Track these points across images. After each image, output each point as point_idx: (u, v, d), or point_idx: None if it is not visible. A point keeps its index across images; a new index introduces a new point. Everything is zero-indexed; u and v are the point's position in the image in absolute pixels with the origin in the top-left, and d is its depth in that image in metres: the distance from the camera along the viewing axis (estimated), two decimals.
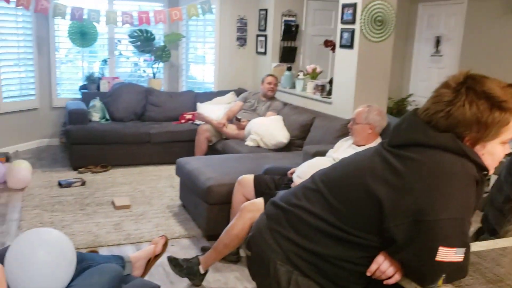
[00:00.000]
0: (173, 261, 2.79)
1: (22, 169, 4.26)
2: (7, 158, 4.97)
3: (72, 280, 1.63)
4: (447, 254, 1.28)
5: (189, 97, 5.86)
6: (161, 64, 6.21)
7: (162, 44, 6.02)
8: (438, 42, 6.24)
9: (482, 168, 1.38)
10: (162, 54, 5.97)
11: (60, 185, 4.38)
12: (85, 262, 1.75)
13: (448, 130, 1.38)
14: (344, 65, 4.39)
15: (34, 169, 4.69)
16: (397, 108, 5.51)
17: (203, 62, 6.46)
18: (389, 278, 1.40)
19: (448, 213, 1.29)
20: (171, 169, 4.95)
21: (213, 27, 6.17)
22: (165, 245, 2.46)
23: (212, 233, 3.33)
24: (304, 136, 4.42)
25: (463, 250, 1.31)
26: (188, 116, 5.57)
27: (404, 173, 1.36)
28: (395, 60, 4.78)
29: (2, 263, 1.52)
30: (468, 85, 1.37)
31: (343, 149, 3.15)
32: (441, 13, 6.30)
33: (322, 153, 3.35)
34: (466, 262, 1.35)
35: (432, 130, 1.39)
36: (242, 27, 6.13)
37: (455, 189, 1.31)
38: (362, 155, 1.58)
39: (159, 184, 4.58)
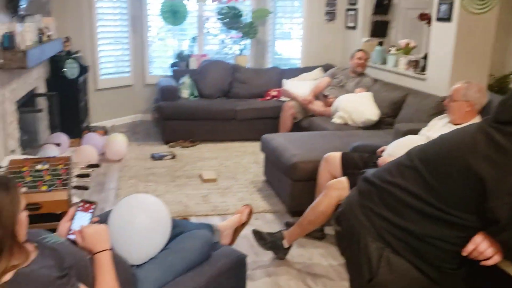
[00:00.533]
0: (257, 234, 2.83)
1: (119, 142, 4.54)
2: (105, 132, 5.33)
3: (167, 243, 1.71)
4: None
5: (275, 73, 5.85)
6: (248, 41, 6.26)
7: (249, 20, 6.05)
8: None
9: None
10: (249, 30, 6.00)
11: (153, 158, 4.62)
12: (178, 228, 1.83)
13: None
14: (441, 40, 4.11)
15: (129, 142, 4.98)
16: (498, 85, 5.06)
17: (289, 38, 6.39)
18: (487, 259, 1.33)
19: None
20: (256, 146, 5.00)
21: (300, 2, 6.08)
22: (250, 214, 2.50)
23: (296, 209, 3.33)
24: (395, 113, 4.24)
25: None
26: (274, 93, 5.58)
27: (511, 150, 1.26)
28: (499, 34, 4.38)
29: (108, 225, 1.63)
30: None
31: (438, 128, 2.97)
32: None
33: (415, 132, 3.19)
34: None
35: None
36: (331, 1, 5.96)
37: None
38: (463, 131, 1.48)
39: (244, 160, 4.66)
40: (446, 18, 4.00)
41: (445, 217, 1.36)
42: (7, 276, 1.20)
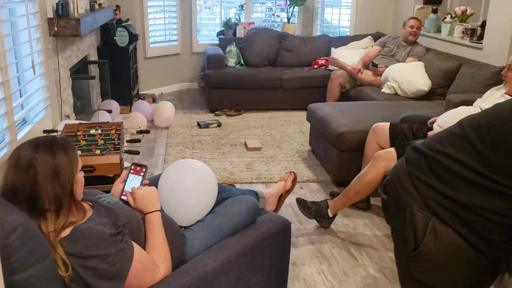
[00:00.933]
0: (301, 202, 2.85)
1: (167, 110, 4.64)
2: (154, 99, 5.45)
3: (214, 207, 1.76)
4: None
5: (323, 41, 5.73)
6: (296, 9, 6.14)
7: None
8: None
9: None
10: None
11: (199, 125, 4.69)
12: (225, 193, 1.87)
13: None
14: (501, 6, 3.87)
15: (177, 110, 5.07)
16: None
17: (339, 6, 6.22)
18: None
19: None
20: (301, 115, 4.98)
21: None
22: (294, 181, 2.51)
23: (341, 180, 3.31)
24: (448, 84, 4.08)
25: None
26: (322, 62, 5.48)
27: None
28: None
29: (158, 187, 1.68)
30: None
31: (494, 99, 2.83)
32: None
33: (468, 103, 3.06)
34: None
35: None
36: None
37: None
38: None
39: (289, 129, 4.66)
40: None
41: (497, 187, 1.31)
42: (66, 231, 1.27)
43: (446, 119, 2.77)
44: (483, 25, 4.18)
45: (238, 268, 1.65)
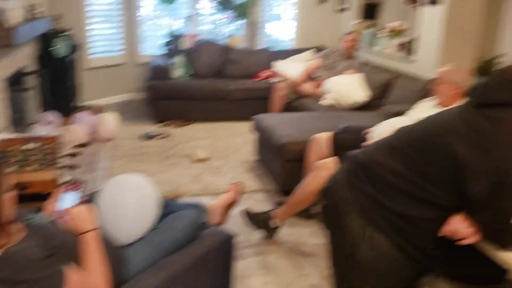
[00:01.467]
0: (247, 213, 2.88)
1: (110, 121, 4.55)
2: (97, 110, 5.31)
3: (157, 223, 1.75)
4: None
5: (267, 54, 5.85)
6: (241, 22, 6.22)
7: (242, 1, 6.00)
8: None
9: None
10: (242, 11, 5.97)
11: (145, 137, 4.63)
12: (167, 208, 1.86)
13: None
14: (430, 23, 4.12)
15: (121, 122, 4.98)
16: (485, 67, 5.11)
17: (282, 19, 6.37)
18: (465, 239, 1.38)
19: None
20: (248, 126, 5.04)
21: None
22: (239, 193, 2.54)
23: (287, 189, 3.37)
24: (384, 95, 4.28)
25: None
26: (266, 74, 5.58)
27: (490, 133, 1.30)
28: (486, 17, 4.41)
29: (96, 205, 1.65)
30: None
31: (426, 110, 3.00)
32: None
33: (403, 113, 3.23)
34: None
35: None
36: None
37: None
38: (446, 113, 1.53)
39: (236, 140, 4.70)
40: (435, 1, 4.00)
41: (429, 197, 1.40)
42: None
43: (382, 129, 2.90)
44: (415, 40, 4.42)
45: (181, 285, 1.65)
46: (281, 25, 6.40)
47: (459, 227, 1.37)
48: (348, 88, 4.40)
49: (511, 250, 1.32)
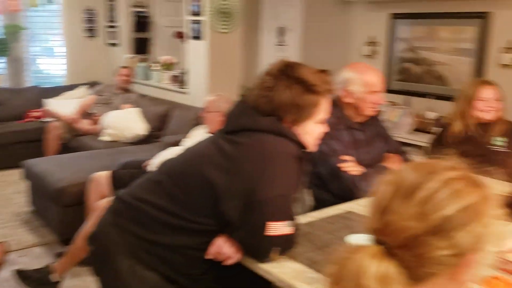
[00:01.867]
0: (21, 273, 2.59)
1: None
2: None
3: None
4: (275, 228, 1.40)
5: (36, 92, 5.42)
6: (2, 59, 5.64)
7: (1, 37, 5.47)
8: (282, 32, 6.53)
9: (302, 146, 1.53)
10: (2, 47, 5.43)
11: None
12: None
13: (271, 113, 1.50)
14: (196, 56, 4.44)
15: None
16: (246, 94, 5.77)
17: (51, 55, 6.00)
18: (229, 258, 1.48)
19: (274, 191, 1.41)
20: (18, 173, 4.54)
21: (58, 18, 5.76)
22: (4, 253, 2.27)
23: (68, 237, 3.13)
24: (162, 127, 4.40)
25: (290, 223, 1.44)
26: (36, 114, 5.17)
27: (235, 157, 1.45)
28: (246, 50, 4.98)
29: None
30: (286, 72, 1.50)
31: (198, 138, 3.19)
32: (283, 4, 6.58)
33: (179, 143, 3.37)
34: (294, 234, 1.48)
35: (258, 115, 1.50)
36: (90, 18, 5.83)
37: (278, 168, 1.43)
38: (202, 143, 1.64)
39: (4, 191, 4.19)
40: (199, 37, 4.34)
41: (189, 225, 1.47)
42: None
43: (157, 161, 2.98)
44: (186, 72, 4.69)
45: None
46: (53, 61, 6.03)
47: (222, 248, 1.47)
48: (126, 122, 4.39)
49: (270, 261, 1.44)
